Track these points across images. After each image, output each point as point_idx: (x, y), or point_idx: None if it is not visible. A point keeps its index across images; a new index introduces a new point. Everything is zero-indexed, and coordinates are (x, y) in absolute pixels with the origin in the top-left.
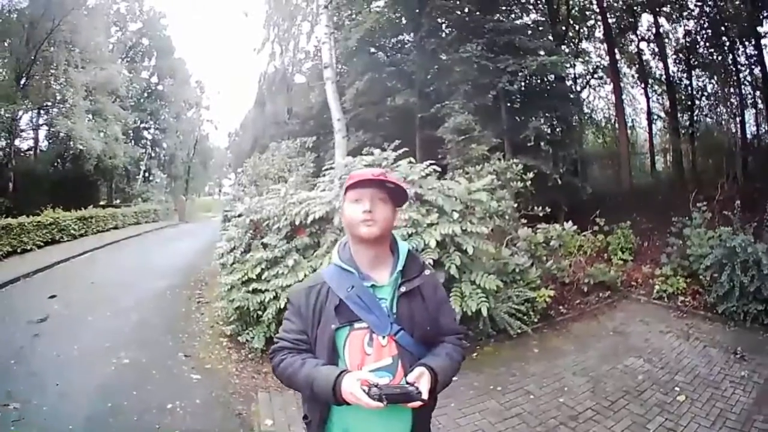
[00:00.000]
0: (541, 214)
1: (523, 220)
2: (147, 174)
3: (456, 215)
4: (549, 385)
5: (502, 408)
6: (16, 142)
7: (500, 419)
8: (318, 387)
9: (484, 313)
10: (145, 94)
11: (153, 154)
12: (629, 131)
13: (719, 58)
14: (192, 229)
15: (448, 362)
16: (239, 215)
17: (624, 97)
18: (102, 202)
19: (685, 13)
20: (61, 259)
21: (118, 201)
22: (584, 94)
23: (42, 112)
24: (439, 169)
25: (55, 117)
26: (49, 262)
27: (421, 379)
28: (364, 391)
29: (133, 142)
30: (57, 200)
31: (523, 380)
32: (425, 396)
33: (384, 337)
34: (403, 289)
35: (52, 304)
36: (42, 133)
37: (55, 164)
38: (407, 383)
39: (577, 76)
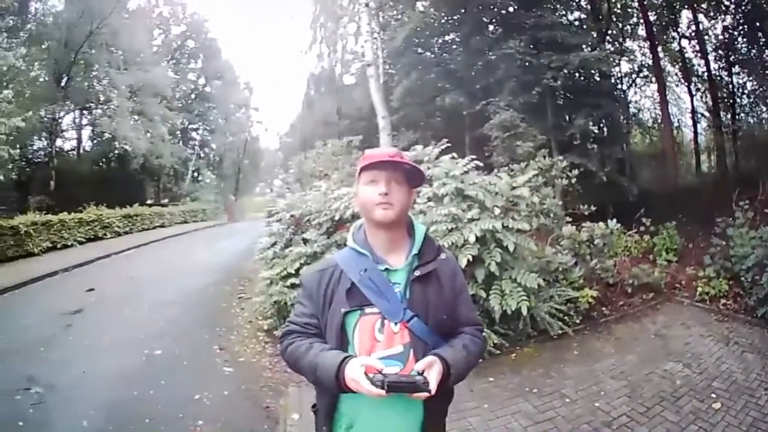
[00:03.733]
0: (586, 213)
1: (568, 219)
2: (196, 174)
3: (497, 211)
4: (586, 389)
5: (535, 411)
6: (59, 142)
7: (532, 423)
8: (321, 372)
9: (524, 312)
10: (193, 96)
11: (202, 155)
12: (675, 130)
13: (757, 54)
14: (241, 228)
15: (464, 354)
16: (281, 211)
17: (669, 95)
18: (149, 201)
19: (722, 9)
20: (103, 255)
21: (166, 200)
22: (630, 93)
23: (84, 112)
24: (482, 165)
25: (98, 117)
26: (89, 257)
27: (430, 369)
28: (368, 378)
29: (181, 142)
30: (101, 199)
31: (560, 383)
32: (433, 387)
33: (396, 323)
34: (417, 273)
35: (89, 297)
36: (86, 133)
37: (100, 164)
38: (417, 373)
39: (622, 75)
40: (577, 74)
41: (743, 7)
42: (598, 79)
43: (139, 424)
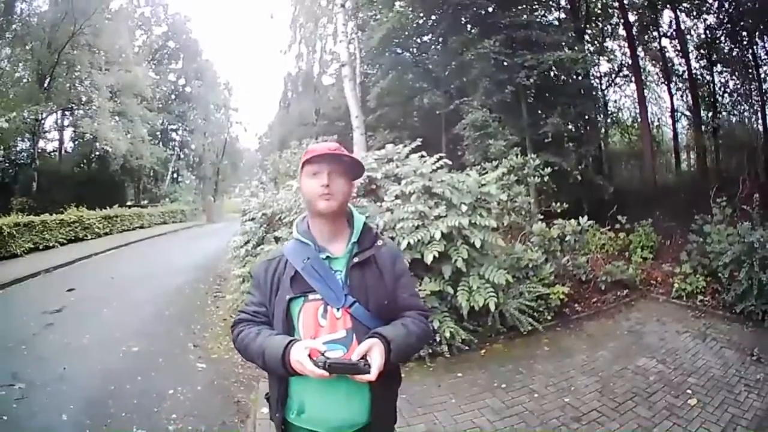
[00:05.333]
0: (559, 210)
1: (540, 216)
2: (175, 175)
3: (465, 208)
4: (555, 385)
5: (503, 406)
6: (41, 143)
7: (499, 417)
8: (268, 355)
9: (492, 308)
10: (173, 96)
11: (181, 156)
12: (655, 130)
13: (739, 53)
14: (219, 229)
15: (404, 331)
16: (253, 209)
17: (649, 95)
18: (129, 203)
19: (704, 8)
20: (83, 256)
21: (145, 201)
22: (610, 93)
23: (66, 113)
24: (451, 163)
25: (79, 118)
26: (70, 258)
27: (372, 352)
28: (312, 361)
29: (161, 143)
30: (82, 200)
31: (529, 378)
32: (374, 369)
33: (338, 309)
34: (356, 259)
35: (69, 297)
36: (68, 134)
37: (81, 165)
38: (362, 358)
39: (602, 74)
40: (552, 73)
41: (726, 6)
42: (576, 78)
43: (115, 418)
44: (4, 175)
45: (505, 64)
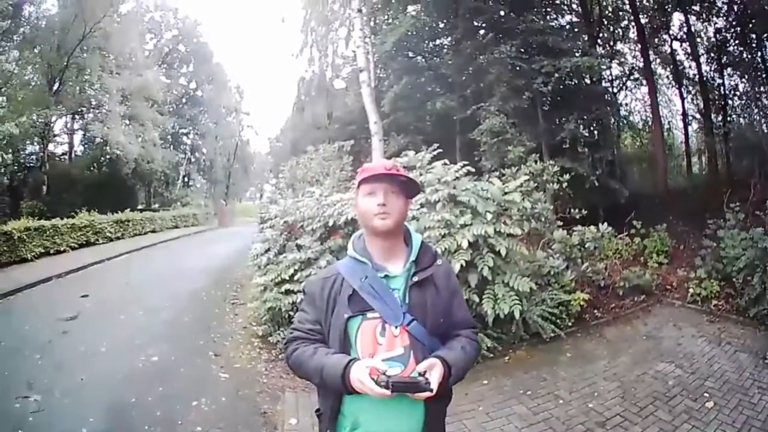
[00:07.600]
0: (577, 217)
1: (560, 223)
2: (186, 179)
3: (489, 216)
4: (579, 390)
5: (529, 413)
6: (51, 146)
7: (527, 424)
8: (327, 374)
9: (517, 315)
10: (184, 100)
11: (192, 159)
12: (666, 133)
13: (748, 56)
14: (231, 233)
15: (463, 356)
16: (274, 217)
17: (660, 98)
18: (140, 206)
19: (714, 11)
20: (96, 261)
21: (156, 205)
22: (621, 96)
23: (77, 117)
24: (474, 171)
25: (90, 122)
26: (83, 263)
27: (432, 370)
28: (372, 379)
29: (171, 147)
30: (93, 204)
31: (553, 385)
32: (434, 387)
33: (396, 327)
34: (415, 278)
35: (84, 303)
36: (78, 138)
37: (91, 168)
38: (419, 374)
39: (613, 77)
40: (567, 78)
41: (735, 10)
42: (589, 83)
43: (138, 431)
44: (13, 179)
45: (519, 69)
